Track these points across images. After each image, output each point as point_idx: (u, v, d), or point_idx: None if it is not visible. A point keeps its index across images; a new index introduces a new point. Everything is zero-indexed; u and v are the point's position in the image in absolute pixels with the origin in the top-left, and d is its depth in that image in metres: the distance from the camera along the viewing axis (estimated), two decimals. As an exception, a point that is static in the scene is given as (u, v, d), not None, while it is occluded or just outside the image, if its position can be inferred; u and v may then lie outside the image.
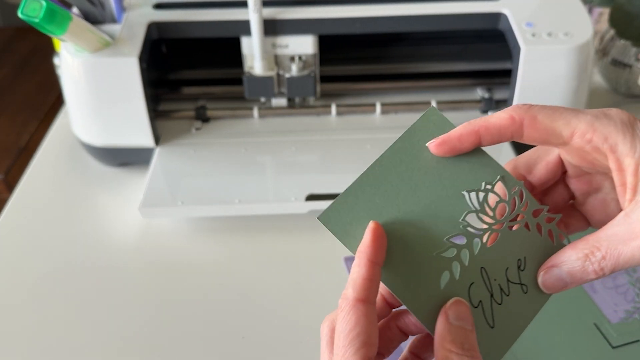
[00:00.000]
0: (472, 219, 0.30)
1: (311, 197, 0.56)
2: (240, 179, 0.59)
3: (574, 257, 0.29)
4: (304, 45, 0.63)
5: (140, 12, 0.61)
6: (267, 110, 0.68)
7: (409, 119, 0.67)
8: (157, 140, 0.63)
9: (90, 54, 0.57)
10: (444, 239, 0.30)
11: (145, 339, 0.48)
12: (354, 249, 0.31)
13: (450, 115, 0.73)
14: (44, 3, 0.48)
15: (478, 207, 0.30)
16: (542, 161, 0.32)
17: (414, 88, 0.72)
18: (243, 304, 0.51)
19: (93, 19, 0.60)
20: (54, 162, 0.67)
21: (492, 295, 0.30)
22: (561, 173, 0.33)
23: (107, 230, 0.58)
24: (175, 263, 0.55)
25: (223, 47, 0.69)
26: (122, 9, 0.61)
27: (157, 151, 0.62)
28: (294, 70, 0.64)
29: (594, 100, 0.75)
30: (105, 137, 0.62)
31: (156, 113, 0.66)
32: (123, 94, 0.58)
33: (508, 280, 0.31)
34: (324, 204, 0.57)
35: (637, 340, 0.45)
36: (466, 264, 0.30)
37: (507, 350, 0.30)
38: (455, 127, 0.31)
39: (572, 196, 0.34)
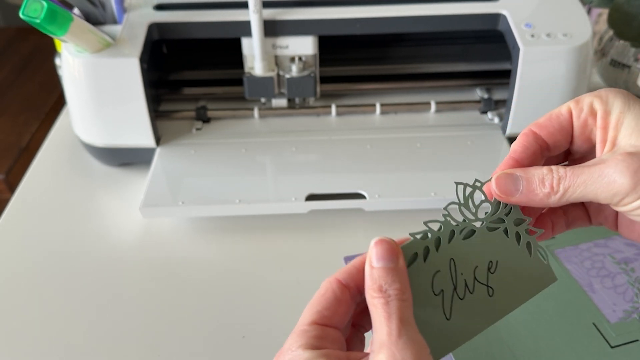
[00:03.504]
0: (455, 213, 0.31)
1: (311, 197, 0.57)
2: (240, 179, 0.59)
3: (538, 170, 0.30)
4: (304, 45, 0.63)
5: (141, 13, 0.62)
6: (267, 111, 0.68)
7: (409, 119, 0.68)
8: (158, 140, 0.63)
9: (91, 54, 0.57)
10: (423, 222, 0.30)
11: (145, 338, 0.48)
12: None
13: (450, 115, 0.74)
14: (45, 4, 0.48)
15: (462, 201, 0.31)
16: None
17: (413, 88, 0.72)
18: (243, 303, 0.51)
19: (94, 20, 0.60)
20: (55, 162, 0.68)
21: (455, 288, 0.30)
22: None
23: (108, 230, 0.58)
24: (176, 263, 0.55)
25: (223, 48, 0.69)
26: (122, 9, 0.61)
27: (158, 151, 0.62)
28: (294, 70, 0.64)
29: (594, 101, 0.75)
30: (106, 137, 0.62)
31: (157, 113, 0.66)
32: (124, 95, 0.59)
33: (475, 278, 0.31)
34: (324, 204, 0.57)
35: (636, 340, 0.45)
36: (436, 250, 0.30)
37: (456, 347, 0.30)
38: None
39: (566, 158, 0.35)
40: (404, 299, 0.27)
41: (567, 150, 0.33)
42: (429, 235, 0.30)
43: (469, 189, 0.31)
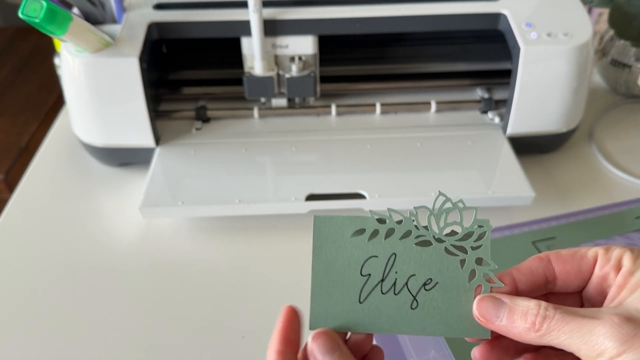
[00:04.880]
0: (422, 217, 0.30)
1: (311, 197, 0.56)
2: (240, 179, 0.59)
3: (525, 301, 0.28)
4: (304, 45, 0.63)
5: (140, 13, 0.61)
6: (267, 111, 0.68)
7: (409, 119, 0.68)
8: (158, 140, 0.63)
9: (90, 54, 0.57)
10: (387, 208, 0.30)
11: (145, 338, 0.48)
12: None
13: (450, 115, 0.74)
14: (44, 3, 0.48)
15: (435, 212, 0.30)
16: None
17: (414, 88, 0.72)
18: (243, 303, 0.51)
19: (93, 20, 0.60)
20: (55, 162, 0.68)
21: (382, 280, 0.30)
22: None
23: (108, 230, 0.58)
24: (176, 263, 0.55)
25: (223, 48, 0.69)
26: (122, 9, 0.61)
27: (158, 151, 0.62)
28: (294, 70, 0.64)
29: (594, 101, 0.75)
30: (105, 137, 0.62)
31: (156, 113, 0.66)
32: (123, 94, 0.58)
33: (406, 284, 0.30)
34: (324, 204, 0.57)
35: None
36: (384, 238, 0.30)
37: (349, 331, 0.30)
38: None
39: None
40: None
41: (578, 293, 0.31)
42: (387, 221, 0.30)
43: (448, 204, 0.30)
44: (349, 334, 0.31)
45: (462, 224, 0.30)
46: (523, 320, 0.27)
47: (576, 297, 0.31)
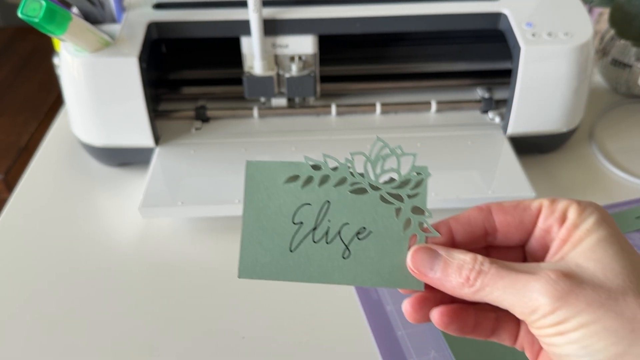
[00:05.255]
0: (358, 164, 0.29)
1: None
2: (240, 179, 0.58)
3: (461, 254, 0.27)
4: (304, 45, 0.63)
5: (140, 12, 0.61)
6: (267, 110, 0.68)
7: (409, 119, 0.68)
8: (157, 140, 0.63)
9: (90, 53, 0.57)
10: (322, 153, 0.29)
11: (144, 338, 0.48)
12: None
13: (450, 115, 0.74)
14: (43, 3, 0.48)
15: (372, 158, 0.29)
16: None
17: (414, 88, 0.72)
18: (243, 303, 0.51)
19: (93, 19, 0.60)
20: (54, 162, 0.67)
21: (314, 229, 0.29)
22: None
23: (107, 230, 0.58)
24: (175, 263, 0.55)
25: (223, 47, 0.69)
26: (122, 8, 0.61)
27: (157, 151, 0.62)
28: (294, 70, 0.64)
29: (594, 100, 0.75)
30: (105, 137, 0.62)
31: (156, 113, 0.66)
32: (123, 94, 0.58)
33: (339, 233, 0.29)
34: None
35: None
36: (318, 185, 0.29)
37: (279, 279, 0.29)
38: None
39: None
40: None
41: (521, 247, 0.30)
42: (322, 168, 0.29)
43: (386, 151, 0.29)
44: None
45: (400, 171, 0.29)
46: (457, 274, 0.26)
47: (519, 251, 0.30)
